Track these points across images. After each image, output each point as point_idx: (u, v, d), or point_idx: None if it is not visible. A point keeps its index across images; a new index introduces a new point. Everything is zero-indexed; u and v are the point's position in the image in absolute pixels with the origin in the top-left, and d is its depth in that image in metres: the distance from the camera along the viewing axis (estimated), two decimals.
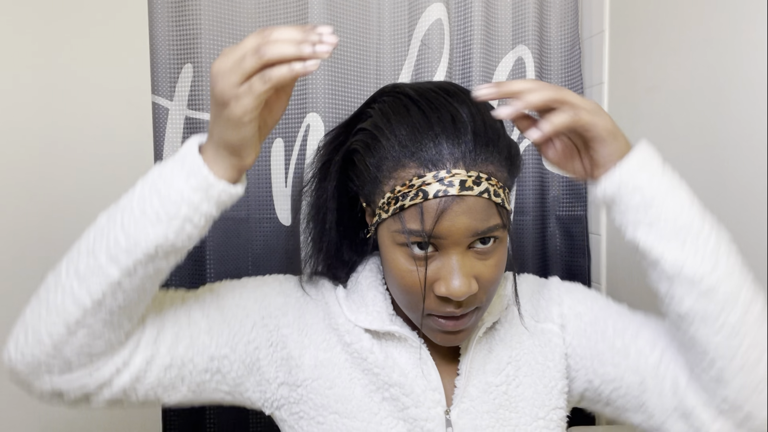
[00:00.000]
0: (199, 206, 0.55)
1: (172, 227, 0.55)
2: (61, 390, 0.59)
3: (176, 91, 1.20)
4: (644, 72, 1.16)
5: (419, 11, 1.26)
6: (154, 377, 0.64)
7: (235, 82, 0.51)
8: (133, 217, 0.55)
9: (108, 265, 0.55)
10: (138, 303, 0.60)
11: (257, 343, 0.69)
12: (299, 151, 1.24)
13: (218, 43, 1.20)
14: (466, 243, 0.61)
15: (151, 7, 1.17)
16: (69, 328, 0.56)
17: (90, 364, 0.59)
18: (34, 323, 0.57)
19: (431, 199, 0.59)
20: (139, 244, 0.55)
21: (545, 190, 1.36)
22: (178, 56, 1.20)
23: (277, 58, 0.50)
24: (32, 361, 0.57)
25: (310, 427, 0.68)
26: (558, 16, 1.36)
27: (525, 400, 0.69)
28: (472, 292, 0.61)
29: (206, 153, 0.56)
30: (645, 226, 0.61)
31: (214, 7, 1.19)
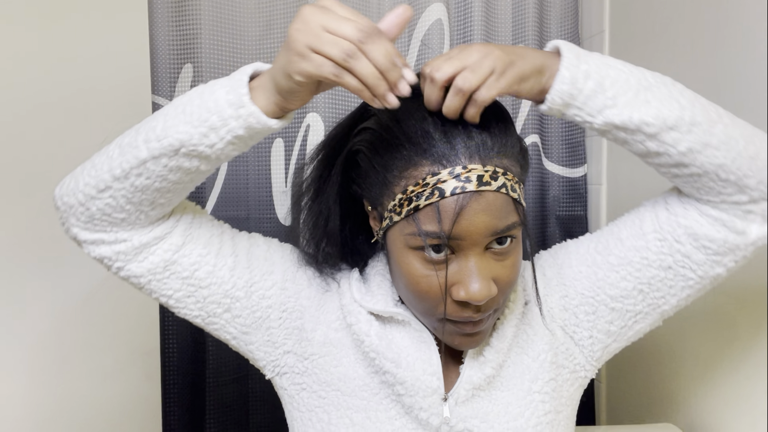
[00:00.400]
0: (228, 121, 0.56)
1: (198, 130, 0.57)
2: (80, 240, 0.64)
3: (176, 91, 1.20)
4: None
5: (419, 11, 1.26)
6: (170, 283, 0.66)
7: (315, 47, 0.51)
8: (175, 112, 0.58)
9: (141, 145, 0.59)
10: (159, 193, 0.61)
11: (271, 302, 0.69)
12: (299, 151, 1.23)
13: (218, 43, 1.20)
14: (484, 243, 0.59)
15: (151, 7, 1.17)
16: (98, 189, 0.61)
17: (109, 230, 0.63)
18: (79, 173, 0.63)
19: (448, 197, 0.56)
20: (168, 136, 0.57)
21: (545, 190, 1.36)
22: (178, 56, 1.20)
23: (359, 75, 0.51)
24: (67, 202, 0.63)
25: (311, 399, 0.68)
26: (558, 16, 1.36)
27: (515, 377, 0.68)
28: (492, 295, 0.59)
29: (257, 80, 0.57)
30: (610, 106, 0.58)
31: (214, 7, 1.19)
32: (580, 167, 1.37)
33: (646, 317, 0.69)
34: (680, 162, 0.60)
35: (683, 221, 0.64)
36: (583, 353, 0.71)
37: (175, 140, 0.57)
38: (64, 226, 0.65)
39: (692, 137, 0.58)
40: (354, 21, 0.51)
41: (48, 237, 0.98)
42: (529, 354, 0.69)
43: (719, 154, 0.59)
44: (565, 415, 0.70)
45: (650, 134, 0.59)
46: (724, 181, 0.60)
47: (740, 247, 0.63)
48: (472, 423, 0.66)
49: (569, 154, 1.37)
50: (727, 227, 0.62)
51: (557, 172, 1.37)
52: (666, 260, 0.65)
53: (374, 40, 0.51)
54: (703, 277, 0.65)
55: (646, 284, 0.67)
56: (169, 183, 0.60)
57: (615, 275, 0.68)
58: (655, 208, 0.67)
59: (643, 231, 0.66)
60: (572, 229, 1.37)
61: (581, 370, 0.72)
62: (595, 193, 1.35)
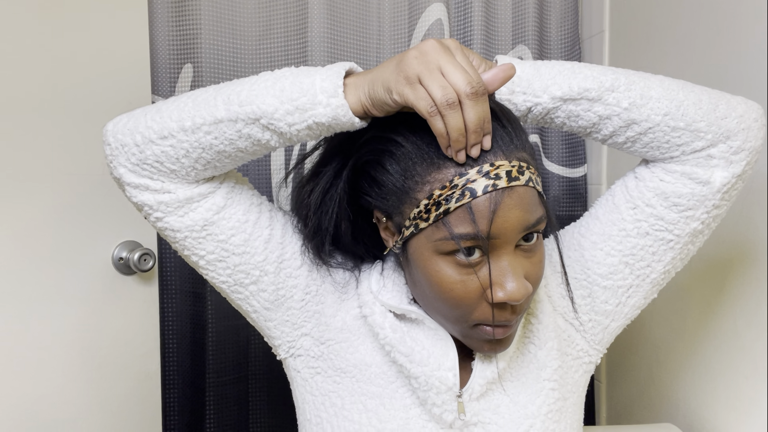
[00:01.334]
0: (316, 106, 0.57)
1: (285, 107, 0.58)
2: (125, 182, 0.64)
3: (176, 91, 1.20)
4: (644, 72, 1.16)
5: (419, 11, 1.26)
6: (205, 244, 0.65)
7: (423, 81, 0.53)
8: (264, 84, 0.59)
9: (221, 105, 0.59)
10: (219, 156, 0.62)
11: (296, 282, 0.69)
12: (299, 150, 1.24)
13: (218, 43, 1.20)
14: (515, 241, 0.58)
15: (151, 7, 1.17)
16: (160, 135, 0.61)
17: (156, 178, 0.63)
18: (140, 115, 0.63)
19: (480, 196, 0.56)
20: (252, 103, 0.58)
21: (545, 190, 1.36)
22: (178, 56, 1.20)
23: (448, 124, 0.54)
24: (121, 140, 0.62)
25: (325, 384, 0.69)
26: (558, 16, 1.36)
27: (525, 367, 0.69)
28: (529, 293, 0.59)
29: (350, 78, 0.59)
30: (551, 84, 0.62)
31: (214, 7, 1.19)
32: (580, 167, 1.37)
33: (638, 290, 0.70)
34: (630, 120, 0.63)
35: (650, 184, 0.66)
36: (585, 338, 0.73)
37: (258, 109, 0.58)
38: (111, 165, 0.64)
39: (632, 93, 0.62)
40: (467, 74, 0.53)
41: (48, 237, 0.98)
42: (536, 343, 0.70)
43: (662, 104, 0.62)
44: (571, 401, 0.71)
45: (593, 98, 0.62)
46: (675, 129, 0.62)
47: (708, 197, 0.65)
48: (484, 415, 0.66)
49: (569, 154, 1.37)
50: (692, 179, 0.64)
51: (557, 172, 1.37)
52: (642, 226, 0.67)
53: (476, 100, 0.53)
54: (680, 236, 0.67)
55: (630, 255, 0.68)
56: (234, 149, 0.61)
57: (600, 253, 0.69)
58: (624, 180, 0.69)
59: (615, 204, 0.69)
60: None
61: (585, 356, 0.73)
62: (595, 193, 1.35)
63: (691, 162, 0.64)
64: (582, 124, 0.64)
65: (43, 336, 0.98)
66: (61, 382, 1.00)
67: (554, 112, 0.64)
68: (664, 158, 0.65)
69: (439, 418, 0.66)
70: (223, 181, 0.66)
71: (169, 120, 0.61)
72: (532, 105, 0.63)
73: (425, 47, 0.54)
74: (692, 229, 0.67)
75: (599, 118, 0.63)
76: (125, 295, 1.07)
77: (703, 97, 0.64)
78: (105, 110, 1.03)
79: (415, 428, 0.66)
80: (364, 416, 0.66)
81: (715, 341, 0.96)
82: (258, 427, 1.28)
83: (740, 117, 0.64)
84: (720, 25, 0.95)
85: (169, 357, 1.24)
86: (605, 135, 0.65)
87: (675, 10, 1.07)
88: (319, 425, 0.69)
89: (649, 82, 0.64)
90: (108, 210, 1.04)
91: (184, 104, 0.61)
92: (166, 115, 0.61)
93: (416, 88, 0.53)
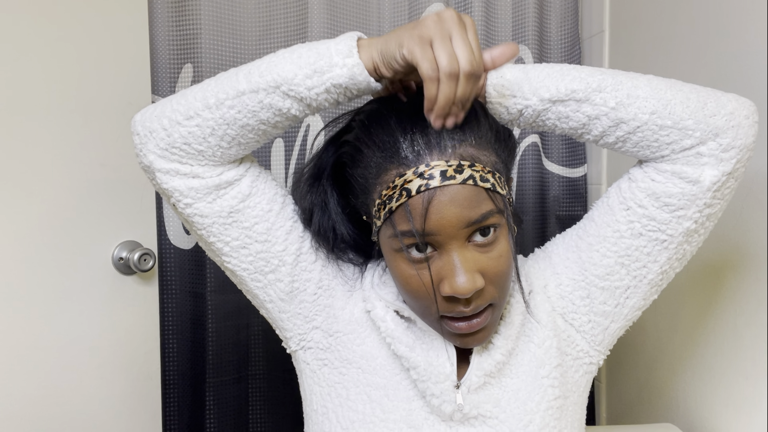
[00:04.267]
0: (333, 68, 0.59)
1: (303, 71, 0.60)
2: (155, 168, 0.65)
3: (176, 90, 1.20)
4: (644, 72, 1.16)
5: (419, 11, 1.26)
6: (230, 231, 0.68)
7: (434, 45, 0.56)
8: (282, 55, 0.62)
9: (242, 78, 0.62)
10: (244, 131, 0.64)
11: (311, 276, 0.71)
12: (299, 151, 1.24)
13: (218, 43, 1.20)
14: (462, 236, 0.60)
15: (151, 7, 1.17)
16: (186, 115, 0.63)
17: (185, 161, 0.65)
18: (166, 102, 0.65)
19: (414, 195, 0.59)
20: (272, 72, 0.61)
21: (545, 190, 1.36)
22: (178, 56, 1.20)
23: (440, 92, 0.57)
24: (149, 127, 0.64)
25: (332, 375, 0.71)
26: (558, 16, 1.36)
27: (524, 365, 0.70)
28: (477, 287, 0.60)
29: (364, 40, 0.61)
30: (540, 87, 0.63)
31: (214, 7, 1.19)
32: (580, 167, 1.37)
33: (636, 290, 0.71)
34: (617, 119, 0.63)
35: (642, 184, 0.66)
36: (585, 339, 0.73)
37: (279, 76, 0.60)
38: (141, 153, 0.66)
39: (619, 93, 0.63)
40: (472, 52, 0.56)
41: (49, 237, 0.98)
42: (535, 341, 0.71)
43: (648, 103, 0.63)
44: (572, 400, 0.72)
45: (581, 99, 0.63)
46: (663, 128, 0.63)
47: (698, 196, 0.65)
48: (484, 408, 0.67)
49: (569, 154, 1.37)
50: (682, 178, 0.64)
51: (557, 172, 1.37)
52: (635, 227, 0.68)
53: (471, 80, 0.57)
54: (673, 236, 0.67)
55: (625, 256, 0.69)
56: (257, 121, 0.63)
57: (596, 254, 0.70)
58: (619, 182, 0.70)
59: (610, 206, 0.69)
60: None
61: (585, 356, 0.73)
62: (595, 193, 1.35)
63: (681, 161, 0.64)
64: (572, 125, 0.65)
65: (43, 336, 0.98)
66: (61, 381, 1.00)
67: (544, 114, 0.64)
68: (655, 157, 0.65)
69: (438, 410, 0.67)
70: (248, 168, 0.69)
71: (193, 100, 0.63)
72: (522, 107, 0.64)
73: (445, 15, 0.57)
74: (685, 228, 0.67)
75: (588, 119, 0.64)
76: (125, 295, 1.07)
77: (692, 96, 0.64)
78: (105, 110, 1.03)
79: (417, 420, 0.67)
80: (368, 406, 0.68)
81: (714, 341, 0.97)
82: (258, 426, 1.28)
83: (730, 114, 0.63)
84: (720, 25, 0.95)
85: (169, 357, 1.24)
86: (596, 135, 0.66)
87: (675, 10, 1.07)
88: (324, 415, 0.71)
89: (637, 81, 0.64)
90: (108, 210, 1.04)
91: (208, 84, 0.64)
92: (191, 96, 0.64)
93: (425, 49, 0.56)
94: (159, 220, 1.21)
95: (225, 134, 0.63)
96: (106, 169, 1.04)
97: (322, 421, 0.71)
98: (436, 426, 0.67)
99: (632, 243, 0.68)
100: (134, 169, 1.07)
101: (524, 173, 1.35)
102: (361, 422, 0.68)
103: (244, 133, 0.64)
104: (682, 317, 1.05)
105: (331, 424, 0.70)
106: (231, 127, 0.63)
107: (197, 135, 0.63)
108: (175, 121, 0.63)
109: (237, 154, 0.66)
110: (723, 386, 0.95)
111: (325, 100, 0.62)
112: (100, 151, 1.03)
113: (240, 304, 1.25)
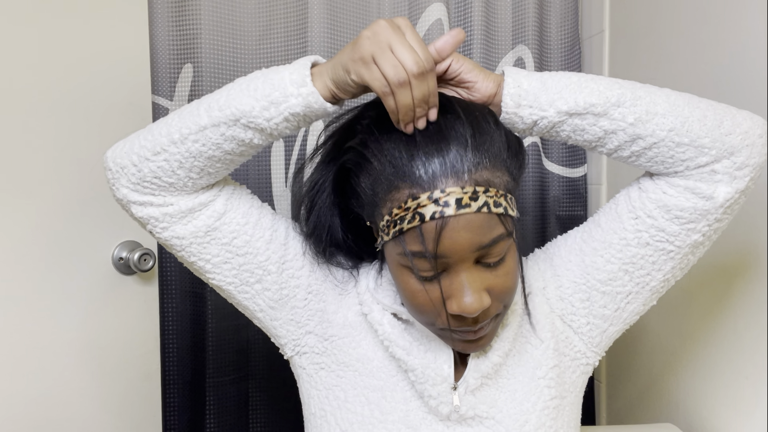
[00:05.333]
0: (289, 98, 0.61)
1: (260, 104, 0.62)
2: (129, 200, 0.67)
3: (176, 91, 1.20)
4: (644, 72, 1.17)
5: (419, 11, 1.26)
6: (209, 248, 0.69)
7: (377, 60, 0.57)
8: (239, 88, 0.63)
9: (203, 113, 0.64)
10: (210, 162, 0.65)
11: (299, 282, 0.72)
12: (299, 151, 1.24)
13: (218, 43, 1.20)
14: (472, 258, 0.60)
15: (151, 7, 1.17)
16: (153, 151, 0.65)
17: (157, 193, 0.66)
18: (134, 138, 0.67)
19: (428, 221, 0.58)
20: (230, 106, 0.62)
21: (545, 190, 1.36)
22: (178, 56, 1.20)
23: (398, 101, 0.58)
24: (119, 163, 0.66)
25: (329, 378, 0.72)
26: (558, 16, 1.36)
27: (521, 366, 0.70)
28: (484, 306, 0.60)
29: (316, 68, 0.63)
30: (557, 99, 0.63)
31: (214, 7, 1.19)
32: (580, 167, 1.37)
33: (637, 296, 0.71)
34: (635, 135, 0.63)
35: (653, 196, 0.66)
36: (583, 340, 0.73)
37: (237, 110, 0.62)
38: (114, 188, 0.68)
39: (637, 109, 0.63)
40: (415, 53, 0.56)
41: (49, 237, 0.98)
42: (532, 342, 0.71)
43: (667, 120, 0.63)
44: (569, 401, 0.72)
45: (599, 113, 0.63)
46: (680, 145, 0.63)
47: (710, 211, 0.65)
48: (480, 409, 0.68)
49: (569, 155, 1.37)
50: (695, 194, 0.64)
51: (557, 173, 1.37)
52: (643, 237, 0.68)
53: (423, 78, 0.57)
54: (680, 247, 0.67)
55: (630, 263, 0.69)
56: (222, 152, 0.64)
57: (600, 259, 0.70)
58: (628, 190, 0.70)
59: (618, 213, 0.69)
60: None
61: (582, 357, 0.74)
62: (595, 193, 1.35)
63: (695, 177, 0.64)
64: (587, 138, 0.65)
65: (44, 336, 0.98)
66: (61, 382, 1.00)
67: (560, 126, 0.64)
68: (668, 173, 0.65)
69: (435, 411, 0.67)
70: (222, 189, 0.70)
71: (159, 136, 0.65)
72: (538, 118, 0.64)
73: (377, 27, 0.57)
74: (693, 240, 0.67)
75: (605, 133, 0.64)
76: (125, 295, 1.07)
77: (708, 113, 0.64)
78: (105, 110, 1.03)
79: (415, 420, 0.68)
80: (366, 408, 0.69)
81: (715, 341, 0.97)
82: (258, 427, 1.28)
83: (745, 133, 0.64)
84: (720, 25, 0.95)
85: (169, 357, 1.24)
86: (610, 149, 0.66)
87: (675, 9, 1.07)
88: (323, 418, 0.72)
89: (655, 97, 0.64)
90: (108, 210, 1.04)
91: (171, 120, 0.65)
92: (156, 132, 0.65)
93: (371, 68, 0.57)
94: None
95: (193, 166, 0.65)
96: None
97: (320, 424, 0.72)
98: (433, 426, 0.68)
99: (638, 251, 0.68)
100: None
101: (524, 173, 1.35)
102: (359, 424, 0.69)
103: (211, 163, 0.65)
104: (683, 317, 1.05)
105: (330, 427, 0.70)
106: (197, 159, 0.64)
107: (166, 169, 0.65)
108: (144, 157, 0.65)
109: (207, 182, 0.68)
110: (723, 386, 0.95)
111: (285, 128, 0.64)
112: (100, 151, 1.03)
113: None
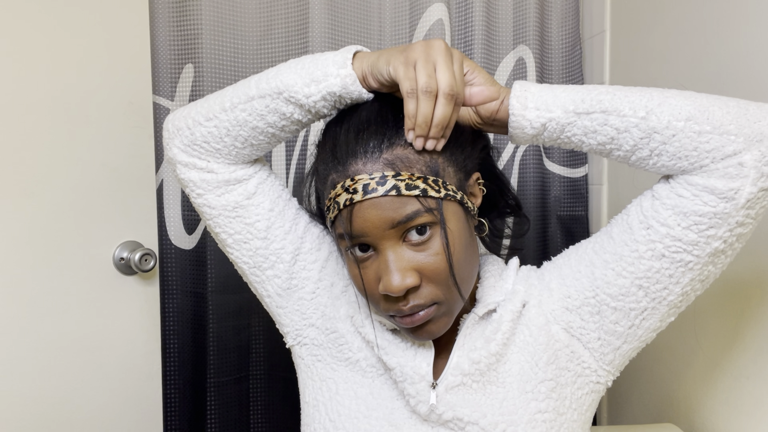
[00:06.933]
0: (328, 77, 0.65)
1: (302, 80, 0.66)
2: (177, 160, 0.74)
3: (177, 91, 1.20)
4: (645, 72, 1.16)
5: (420, 11, 1.26)
6: (234, 224, 0.74)
7: (417, 66, 0.60)
8: (290, 66, 0.69)
9: (253, 85, 0.69)
10: (254, 133, 0.70)
11: (309, 275, 0.76)
12: (300, 151, 1.24)
13: (219, 43, 1.20)
14: (393, 235, 0.62)
15: (151, 7, 1.18)
16: (206, 117, 0.71)
17: (204, 157, 0.73)
18: (192, 105, 0.74)
19: (343, 209, 0.63)
20: (276, 79, 0.68)
21: (546, 190, 1.36)
22: (179, 56, 1.20)
23: (419, 109, 0.60)
24: (176, 125, 0.73)
25: (324, 371, 0.76)
26: (559, 17, 1.36)
27: (512, 376, 0.69)
28: (408, 285, 0.62)
29: (360, 53, 0.67)
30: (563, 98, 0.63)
31: (215, 7, 1.19)
32: (581, 167, 1.37)
33: (653, 313, 0.67)
34: (649, 129, 0.61)
35: (668, 201, 0.62)
36: (594, 356, 0.70)
37: (282, 84, 0.67)
38: (167, 147, 0.75)
39: (649, 102, 0.61)
40: (453, 78, 0.60)
41: (49, 237, 0.98)
42: (524, 355, 0.69)
43: (683, 109, 0.60)
44: (568, 417, 0.70)
45: (607, 110, 0.62)
46: (702, 133, 0.59)
47: (731, 214, 0.60)
48: (462, 411, 0.66)
49: (570, 155, 1.37)
50: (714, 194, 0.60)
51: (558, 173, 1.37)
52: (657, 248, 0.63)
53: (448, 101, 0.60)
54: (700, 256, 0.63)
55: (644, 278, 0.65)
56: (265, 123, 0.69)
57: (611, 272, 0.66)
58: (641, 199, 0.66)
59: (629, 224, 0.66)
60: (573, 230, 1.37)
61: (592, 374, 0.71)
62: (596, 193, 1.35)
63: (719, 172, 0.59)
64: (600, 139, 0.63)
65: (44, 336, 0.98)
66: (62, 382, 1.00)
67: (569, 128, 0.63)
68: (693, 169, 0.61)
69: (415, 410, 0.68)
70: (257, 172, 0.75)
71: (213, 104, 0.71)
72: (546, 120, 0.63)
73: (434, 42, 0.61)
74: (713, 249, 0.62)
75: (617, 132, 0.62)
76: (126, 296, 1.07)
77: (731, 103, 0.60)
78: (105, 110, 1.03)
79: (399, 419, 0.70)
80: (353, 402, 0.72)
81: (715, 341, 0.97)
82: (258, 426, 1.28)
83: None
84: (721, 24, 0.95)
85: (170, 357, 1.25)
86: (627, 151, 0.63)
87: (676, 9, 1.07)
88: (315, 407, 0.75)
89: (668, 92, 0.62)
90: (109, 210, 1.04)
91: (226, 91, 0.72)
92: (212, 101, 0.72)
93: (409, 69, 0.60)
94: (160, 220, 1.21)
95: (238, 135, 0.70)
96: (107, 169, 1.04)
97: (313, 413, 0.75)
98: (417, 426, 0.69)
99: (653, 265, 0.64)
100: (135, 169, 1.07)
101: (525, 173, 1.35)
102: (347, 416, 0.72)
103: (255, 134, 0.70)
104: (683, 317, 1.05)
105: (320, 416, 0.74)
106: (243, 128, 0.70)
107: (215, 135, 0.71)
108: (198, 122, 0.71)
109: (250, 154, 0.73)
110: (723, 386, 0.95)
111: (323, 107, 0.67)
112: (101, 151, 1.03)
113: (241, 304, 1.25)
